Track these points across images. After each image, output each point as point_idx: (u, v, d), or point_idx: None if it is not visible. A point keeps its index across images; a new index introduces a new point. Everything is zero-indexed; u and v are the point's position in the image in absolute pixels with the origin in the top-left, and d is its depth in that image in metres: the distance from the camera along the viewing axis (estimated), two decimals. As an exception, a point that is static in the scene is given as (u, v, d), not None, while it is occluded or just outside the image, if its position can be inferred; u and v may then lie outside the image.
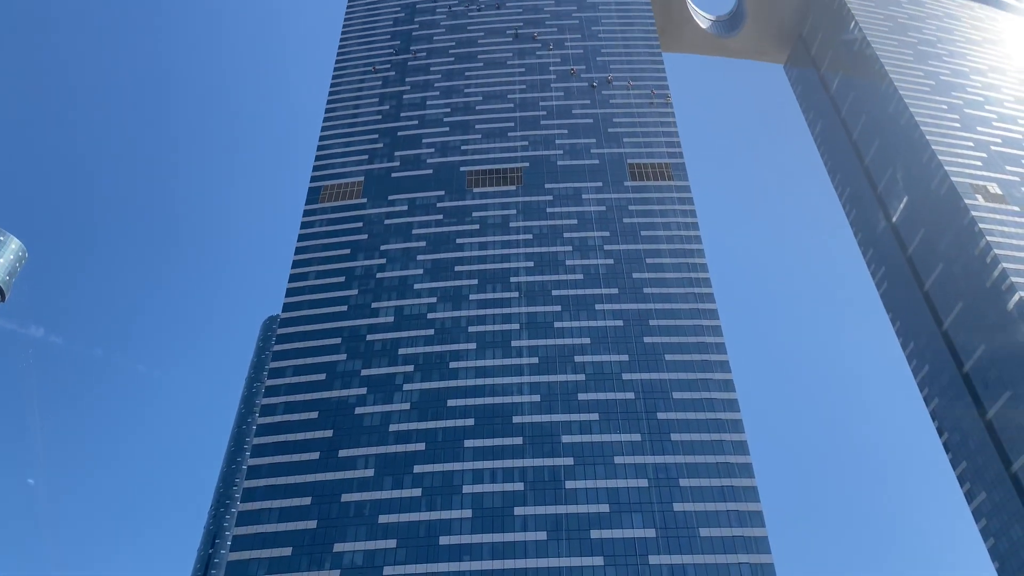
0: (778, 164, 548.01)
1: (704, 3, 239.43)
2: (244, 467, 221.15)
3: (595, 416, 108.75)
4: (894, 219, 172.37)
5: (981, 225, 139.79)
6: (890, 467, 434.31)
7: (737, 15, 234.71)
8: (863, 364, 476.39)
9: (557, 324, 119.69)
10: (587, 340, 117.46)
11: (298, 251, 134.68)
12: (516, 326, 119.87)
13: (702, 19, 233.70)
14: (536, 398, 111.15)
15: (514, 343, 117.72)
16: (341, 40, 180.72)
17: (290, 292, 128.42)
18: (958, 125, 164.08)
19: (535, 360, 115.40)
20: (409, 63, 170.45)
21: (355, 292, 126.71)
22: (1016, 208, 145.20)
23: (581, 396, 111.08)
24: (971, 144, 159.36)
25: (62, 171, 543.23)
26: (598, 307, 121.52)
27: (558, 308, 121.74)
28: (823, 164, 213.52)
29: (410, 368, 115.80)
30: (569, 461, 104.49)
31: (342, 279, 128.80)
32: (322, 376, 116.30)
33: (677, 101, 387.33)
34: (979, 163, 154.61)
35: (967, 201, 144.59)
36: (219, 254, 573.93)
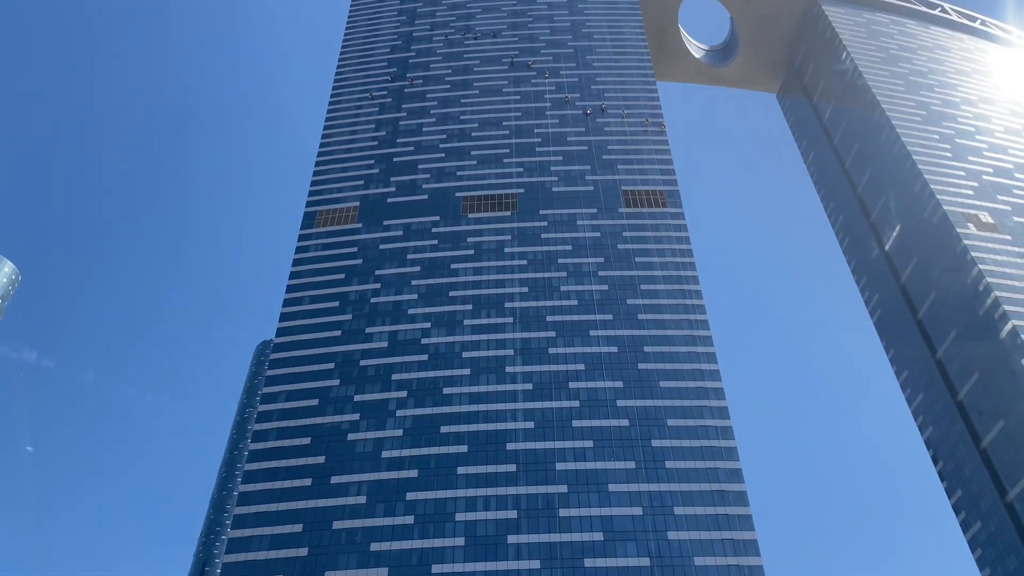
0: (772, 191, 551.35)
1: (698, 33, 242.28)
2: (235, 493, 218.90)
3: (589, 443, 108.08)
4: (887, 247, 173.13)
5: (974, 254, 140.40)
6: (886, 496, 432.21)
7: (730, 45, 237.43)
8: (858, 391, 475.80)
9: (551, 350, 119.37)
10: (581, 366, 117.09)
11: (292, 276, 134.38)
12: (510, 352, 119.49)
13: (696, 49, 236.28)
14: (530, 425, 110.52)
15: (508, 369, 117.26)
16: (338, 67, 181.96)
17: (284, 317, 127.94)
18: (949, 155, 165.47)
19: (529, 386, 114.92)
20: (405, 90, 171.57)
21: (349, 317, 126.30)
22: (1008, 237, 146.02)
23: (575, 423, 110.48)
24: (963, 173, 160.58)
25: (56, 194, 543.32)
26: (592, 333, 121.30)
27: (552, 334, 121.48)
28: (816, 192, 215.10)
29: (403, 394, 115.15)
30: (563, 489, 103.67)
31: (336, 304, 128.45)
32: (315, 402, 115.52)
33: (671, 128, 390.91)
34: (971, 192, 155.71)
35: (959, 230, 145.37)
36: (214, 278, 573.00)
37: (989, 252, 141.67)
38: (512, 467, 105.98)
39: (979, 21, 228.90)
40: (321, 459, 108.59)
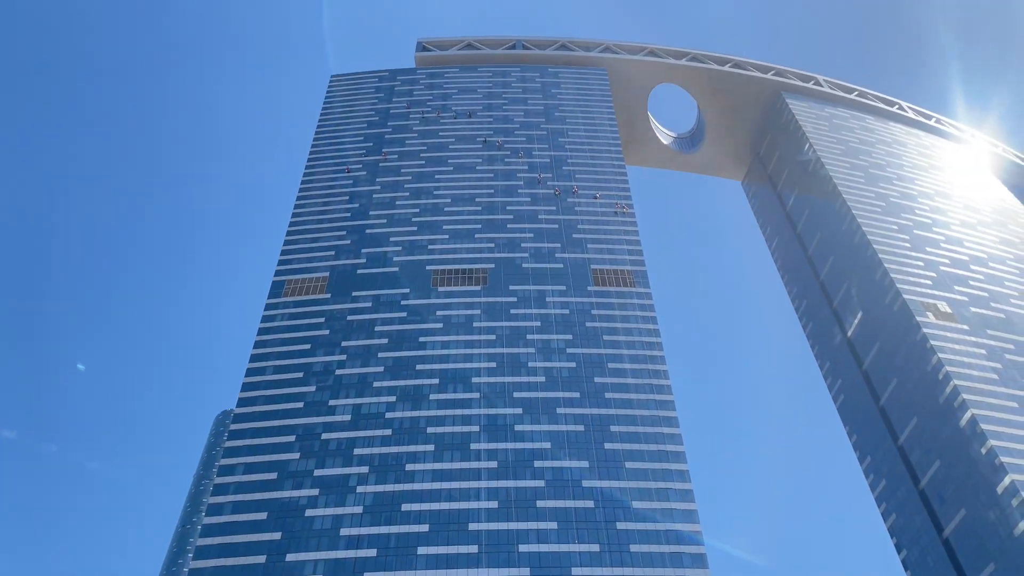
0: (736, 274, 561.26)
1: (666, 121, 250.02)
2: (186, 570, 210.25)
3: (553, 524, 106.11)
4: (849, 334, 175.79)
5: (933, 342, 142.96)
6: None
7: (697, 133, 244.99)
8: (823, 476, 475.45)
9: (517, 427, 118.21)
10: (547, 444, 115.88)
11: (257, 345, 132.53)
12: (476, 428, 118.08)
13: (664, 135, 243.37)
14: (494, 504, 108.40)
15: (473, 446, 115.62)
16: (315, 138, 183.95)
17: (246, 387, 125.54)
18: (908, 245, 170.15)
19: (494, 464, 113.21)
20: (380, 164, 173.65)
21: (313, 388, 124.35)
22: (966, 327, 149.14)
23: (540, 503, 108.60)
24: (921, 264, 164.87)
25: (16, 262, 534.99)
26: (559, 411, 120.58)
27: (519, 411, 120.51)
28: (780, 277, 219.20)
29: (365, 469, 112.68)
30: (525, 572, 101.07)
31: (300, 375, 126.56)
32: (273, 475, 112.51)
33: (640, 210, 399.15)
34: (929, 282, 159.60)
35: (919, 319, 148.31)
36: (176, 345, 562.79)
37: (948, 341, 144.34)
38: (474, 548, 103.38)
39: (934, 119, 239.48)
40: (277, 535, 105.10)
